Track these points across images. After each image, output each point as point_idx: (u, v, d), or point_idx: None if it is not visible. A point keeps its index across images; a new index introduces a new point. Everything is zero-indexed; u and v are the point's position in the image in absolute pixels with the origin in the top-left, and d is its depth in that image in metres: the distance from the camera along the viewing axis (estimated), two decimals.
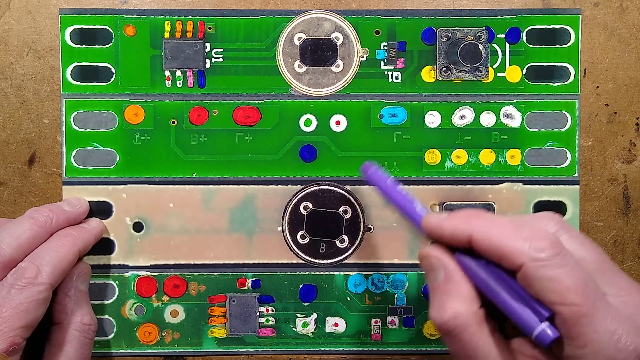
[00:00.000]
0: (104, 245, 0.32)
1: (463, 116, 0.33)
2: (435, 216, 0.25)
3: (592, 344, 0.21)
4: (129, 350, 0.33)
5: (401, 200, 0.27)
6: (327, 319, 0.33)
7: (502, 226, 0.23)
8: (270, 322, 0.33)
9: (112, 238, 0.32)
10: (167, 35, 0.32)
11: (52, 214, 0.30)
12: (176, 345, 0.33)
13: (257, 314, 0.33)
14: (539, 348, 0.23)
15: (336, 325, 0.33)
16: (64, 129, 0.32)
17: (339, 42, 0.32)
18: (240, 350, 0.33)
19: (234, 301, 0.32)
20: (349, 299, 0.33)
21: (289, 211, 0.33)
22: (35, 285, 0.27)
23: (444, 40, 0.32)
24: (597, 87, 0.33)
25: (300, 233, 0.33)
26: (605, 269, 0.23)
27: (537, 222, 0.24)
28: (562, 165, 0.33)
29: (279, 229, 0.33)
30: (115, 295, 0.33)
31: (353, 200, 0.33)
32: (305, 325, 0.33)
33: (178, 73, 0.32)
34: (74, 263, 0.30)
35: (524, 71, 0.32)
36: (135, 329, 0.33)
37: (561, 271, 0.22)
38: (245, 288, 0.33)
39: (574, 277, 0.21)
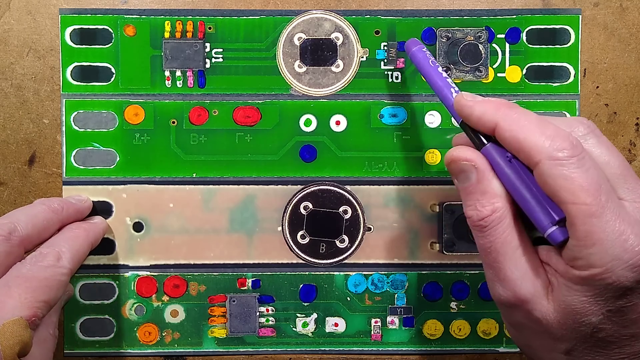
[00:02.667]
0: (104, 245, 0.32)
1: None
2: (469, 96, 0.25)
3: (600, 243, 0.22)
4: (129, 350, 0.33)
5: (439, 80, 0.27)
6: (327, 319, 0.33)
7: (529, 121, 0.23)
8: (270, 322, 0.33)
9: (112, 238, 0.32)
10: (167, 35, 0.32)
11: (63, 204, 0.30)
12: (176, 345, 0.33)
13: (257, 314, 0.33)
14: (557, 256, 0.24)
15: (336, 325, 0.33)
16: (64, 129, 0.32)
17: (339, 42, 0.32)
18: (240, 350, 0.33)
19: (234, 301, 0.32)
20: (349, 299, 0.33)
21: (289, 211, 0.33)
22: (58, 267, 0.27)
23: (444, 40, 0.32)
24: (597, 87, 0.33)
25: (300, 233, 0.33)
26: (627, 176, 0.23)
27: (567, 123, 0.24)
28: None
29: (279, 229, 0.33)
30: (115, 295, 0.33)
31: (353, 200, 0.33)
32: (305, 325, 0.33)
33: (178, 73, 0.32)
34: (87, 254, 0.30)
35: (524, 71, 0.32)
36: (135, 329, 0.33)
37: (576, 171, 0.22)
38: (245, 288, 0.33)
39: (588, 177, 0.22)
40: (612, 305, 0.22)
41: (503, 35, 0.32)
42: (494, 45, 0.32)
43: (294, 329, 0.33)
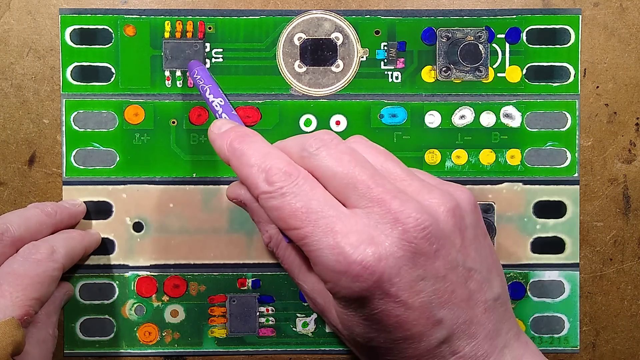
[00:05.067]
0: (104, 245, 0.32)
1: (463, 116, 0.33)
2: (215, 128, 0.27)
3: (319, 261, 0.22)
4: (129, 350, 0.33)
5: (210, 106, 0.29)
6: None
7: (253, 154, 0.24)
8: (270, 322, 0.33)
9: (112, 238, 0.32)
10: (167, 35, 0.32)
11: (57, 208, 0.30)
12: (176, 345, 0.33)
13: (257, 314, 0.33)
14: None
15: None
16: (64, 129, 0.32)
17: (339, 42, 0.32)
18: (240, 350, 0.33)
19: (234, 301, 0.32)
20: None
21: None
22: (51, 261, 0.27)
23: (444, 40, 0.32)
24: (597, 87, 0.33)
25: None
26: (356, 183, 0.23)
27: (299, 142, 0.25)
28: (562, 165, 0.33)
29: None
30: (115, 295, 0.33)
31: None
32: (305, 325, 0.33)
33: (178, 73, 0.32)
34: (81, 256, 0.30)
35: (524, 71, 0.32)
36: (135, 329, 0.33)
37: (285, 200, 0.23)
38: (245, 288, 0.33)
39: (297, 202, 0.23)
40: (362, 315, 0.23)
41: (503, 35, 0.32)
42: (494, 45, 0.32)
43: (294, 329, 0.33)
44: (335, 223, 0.22)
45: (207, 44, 0.32)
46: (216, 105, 0.28)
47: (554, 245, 0.33)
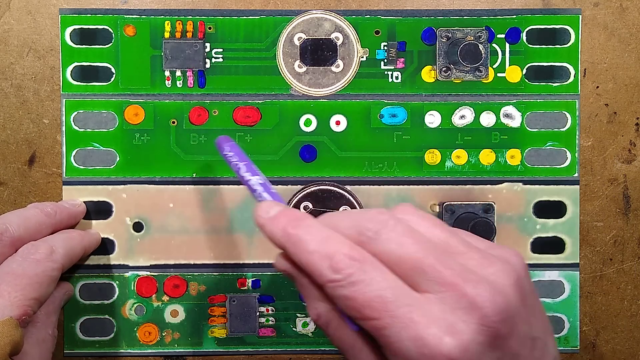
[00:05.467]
0: (104, 245, 0.32)
1: (463, 116, 0.33)
2: (262, 212, 0.25)
3: (399, 352, 0.21)
4: (129, 350, 0.33)
5: (247, 184, 0.26)
6: None
7: (311, 239, 0.23)
8: (270, 322, 0.33)
9: (112, 238, 0.32)
10: (167, 35, 0.32)
11: (56, 208, 0.30)
12: (176, 345, 0.33)
13: (257, 314, 0.33)
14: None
15: None
16: (64, 129, 0.32)
17: (339, 42, 0.32)
18: (240, 350, 0.33)
19: (234, 301, 0.32)
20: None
21: None
22: (50, 261, 0.27)
23: (444, 40, 0.32)
24: (597, 87, 0.33)
25: None
26: (424, 266, 0.22)
27: (357, 223, 0.23)
28: (562, 165, 0.33)
29: None
30: (115, 295, 0.33)
31: (353, 200, 0.33)
32: (305, 325, 0.33)
33: (178, 73, 0.32)
34: (80, 257, 0.30)
35: (524, 71, 0.32)
36: (135, 329, 0.33)
37: (355, 289, 0.21)
38: (245, 288, 0.33)
39: (370, 292, 0.21)
40: None
41: (503, 35, 0.32)
42: (494, 45, 0.32)
43: (294, 329, 0.33)
44: (413, 312, 0.21)
45: (207, 44, 0.32)
46: (254, 185, 0.26)
47: (554, 245, 0.33)
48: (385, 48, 0.32)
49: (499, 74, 0.32)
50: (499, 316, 0.21)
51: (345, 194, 0.33)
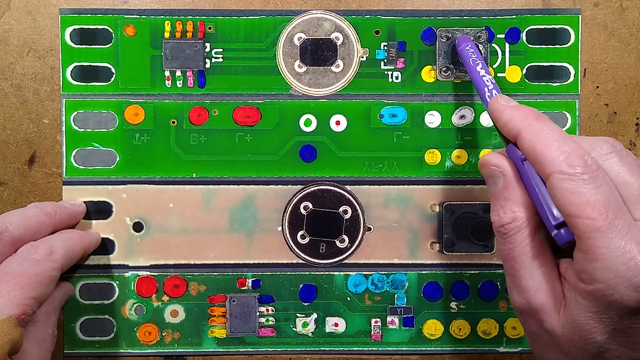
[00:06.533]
0: (104, 245, 0.32)
1: (463, 116, 0.33)
2: (504, 100, 0.26)
3: (603, 259, 0.22)
4: (129, 350, 0.33)
5: (476, 80, 0.28)
6: (327, 319, 0.33)
7: (551, 134, 0.24)
8: (270, 322, 0.33)
9: (112, 238, 0.32)
10: (167, 35, 0.32)
11: (57, 208, 0.30)
12: (176, 345, 0.33)
13: (257, 314, 0.33)
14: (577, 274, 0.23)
15: (336, 325, 0.33)
16: (64, 129, 0.32)
17: (339, 42, 0.32)
18: (240, 350, 0.33)
19: (234, 301, 0.32)
20: (349, 299, 0.33)
21: (289, 211, 0.33)
22: (50, 261, 0.27)
23: (444, 40, 0.32)
24: (597, 87, 0.33)
25: (300, 233, 0.33)
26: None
27: (591, 142, 0.24)
28: None
29: (279, 229, 0.33)
30: (115, 295, 0.33)
31: (353, 200, 0.33)
32: (305, 325, 0.33)
33: (178, 73, 0.32)
34: (80, 257, 0.30)
35: (524, 71, 0.32)
36: (135, 329, 0.33)
37: (585, 187, 0.22)
38: (245, 288, 0.33)
39: (596, 194, 0.22)
40: (616, 325, 0.22)
41: (503, 35, 0.32)
42: (494, 45, 0.32)
43: (294, 329, 0.33)
44: (629, 228, 0.22)
45: (207, 44, 0.32)
46: (487, 82, 0.28)
47: (554, 245, 0.33)
48: (385, 48, 0.32)
49: (499, 74, 0.32)
50: None
51: (345, 194, 0.33)
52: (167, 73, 0.32)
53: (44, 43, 0.32)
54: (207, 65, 0.32)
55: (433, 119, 0.33)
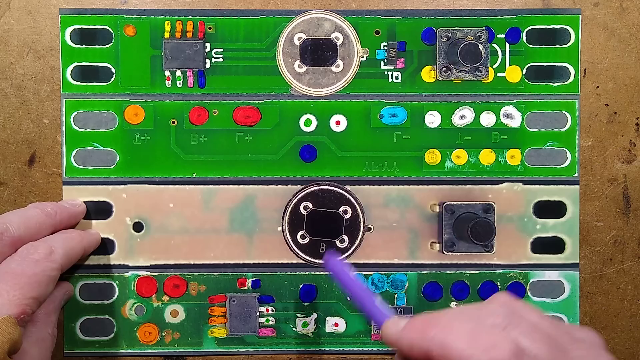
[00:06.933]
0: (104, 245, 0.32)
1: (463, 116, 0.33)
2: (394, 325, 0.24)
3: None
4: (129, 350, 0.33)
5: (364, 296, 0.26)
6: (327, 319, 0.33)
7: (460, 336, 0.22)
8: (270, 322, 0.33)
9: (112, 238, 0.32)
10: (167, 35, 0.32)
11: (57, 208, 0.30)
12: (176, 345, 0.33)
13: (257, 314, 0.33)
14: None
15: (336, 325, 0.33)
16: (64, 129, 0.32)
17: (339, 42, 0.32)
18: (240, 350, 0.33)
19: (234, 301, 0.32)
20: (349, 299, 0.33)
21: (289, 211, 0.33)
22: (49, 261, 0.27)
23: (444, 40, 0.32)
24: (597, 87, 0.33)
25: (300, 233, 0.33)
26: (557, 358, 0.22)
27: (487, 319, 0.23)
28: (562, 165, 0.33)
29: (279, 229, 0.33)
30: (115, 295, 0.33)
31: (353, 200, 0.33)
32: (305, 325, 0.33)
33: (178, 73, 0.32)
34: (80, 257, 0.30)
35: (524, 71, 0.32)
36: (135, 329, 0.33)
37: None
38: (245, 288, 0.33)
39: None
40: None
41: (503, 35, 0.32)
42: (494, 45, 0.32)
43: (294, 329, 0.33)
44: None
45: (207, 44, 0.32)
46: (380, 304, 0.26)
47: (554, 245, 0.33)
48: (385, 48, 0.32)
49: (499, 74, 0.32)
50: None
51: (345, 194, 0.33)
52: (167, 73, 0.32)
53: (44, 43, 0.32)
54: (207, 65, 0.32)
55: (433, 119, 0.33)
